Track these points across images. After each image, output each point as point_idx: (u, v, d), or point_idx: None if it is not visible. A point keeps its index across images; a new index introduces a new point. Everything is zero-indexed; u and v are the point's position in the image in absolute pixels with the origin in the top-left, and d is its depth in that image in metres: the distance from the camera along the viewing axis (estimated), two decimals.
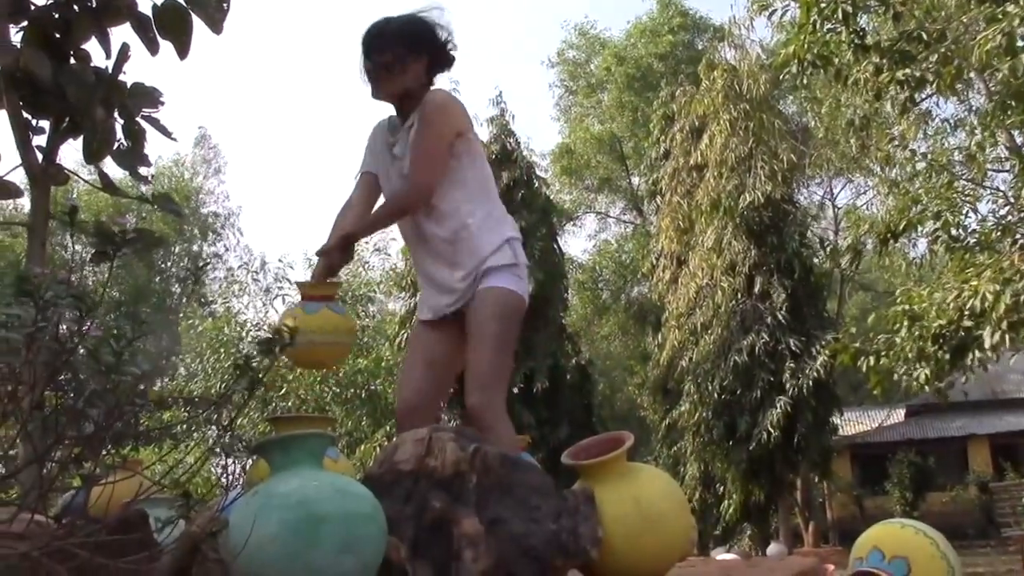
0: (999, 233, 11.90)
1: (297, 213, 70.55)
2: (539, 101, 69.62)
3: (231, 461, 2.59)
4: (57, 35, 4.52)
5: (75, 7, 4.53)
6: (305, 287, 3.60)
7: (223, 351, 21.87)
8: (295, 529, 2.01)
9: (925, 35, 11.40)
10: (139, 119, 4.73)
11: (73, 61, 4.57)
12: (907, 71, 11.17)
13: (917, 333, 11.09)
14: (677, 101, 24.88)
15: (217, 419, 2.28)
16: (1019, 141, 13.60)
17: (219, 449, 2.38)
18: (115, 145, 4.67)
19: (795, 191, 24.13)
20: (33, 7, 4.48)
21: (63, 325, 1.97)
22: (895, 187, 13.74)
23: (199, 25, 4.59)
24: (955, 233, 11.74)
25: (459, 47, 3.75)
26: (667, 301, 23.59)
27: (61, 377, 2.08)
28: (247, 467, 3.21)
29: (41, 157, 4.53)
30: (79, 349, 1.98)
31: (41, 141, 4.57)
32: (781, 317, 20.27)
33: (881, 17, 11.98)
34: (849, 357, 12.07)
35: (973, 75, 13.36)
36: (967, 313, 10.56)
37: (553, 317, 20.38)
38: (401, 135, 3.69)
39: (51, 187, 4.61)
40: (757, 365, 20.16)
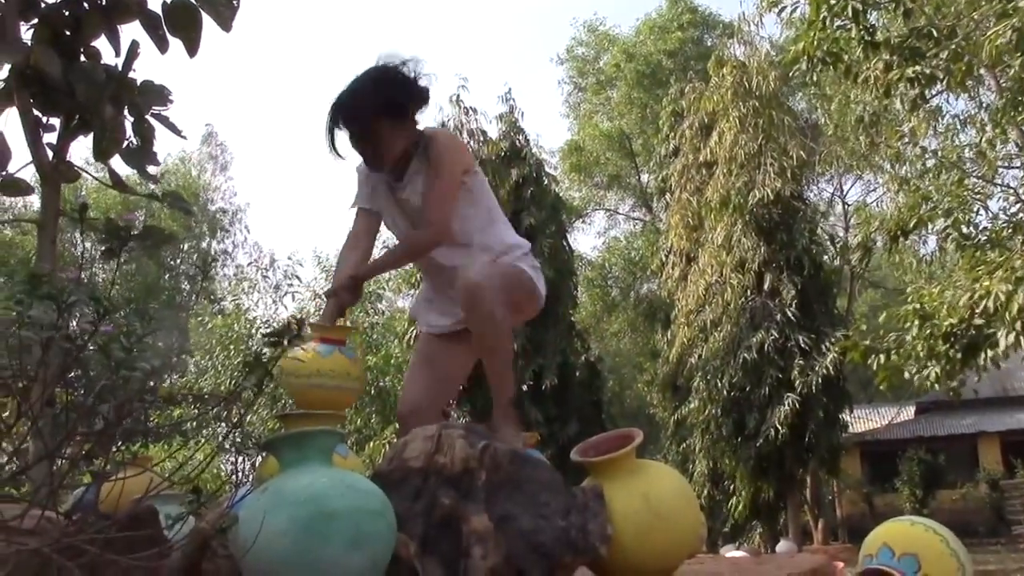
0: (1010, 231, 11.88)
1: (305, 209, 70.70)
2: (548, 98, 69.58)
3: (241, 458, 2.60)
4: (67, 33, 4.53)
5: (85, 5, 4.54)
6: (319, 330, 3.54)
7: (233, 348, 21.93)
8: (305, 525, 2.02)
9: (935, 31, 11.37)
10: (148, 117, 4.74)
11: (83, 59, 4.58)
12: (917, 68, 11.14)
13: (928, 331, 11.06)
14: (686, 98, 24.88)
15: (227, 416, 2.28)
16: None
17: (229, 446, 2.39)
18: (124, 143, 4.68)
19: (805, 188, 24.11)
20: (43, 5, 4.49)
21: (74, 323, 1.97)
22: (905, 184, 13.70)
23: (207, 22, 4.60)
24: (966, 231, 11.71)
25: (428, 76, 3.64)
26: (676, 298, 23.59)
27: (72, 374, 2.08)
28: (257, 464, 3.22)
29: (51, 154, 4.54)
30: (90, 347, 1.99)
31: (51, 139, 4.58)
32: (791, 314, 20.25)
33: (891, 14, 11.95)
34: (859, 355, 12.05)
35: (984, 71, 13.31)
36: (979, 312, 10.54)
37: (562, 314, 20.37)
38: (407, 183, 3.66)
39: (61, 184, 4.62)
40: (766, 362, 20.15)
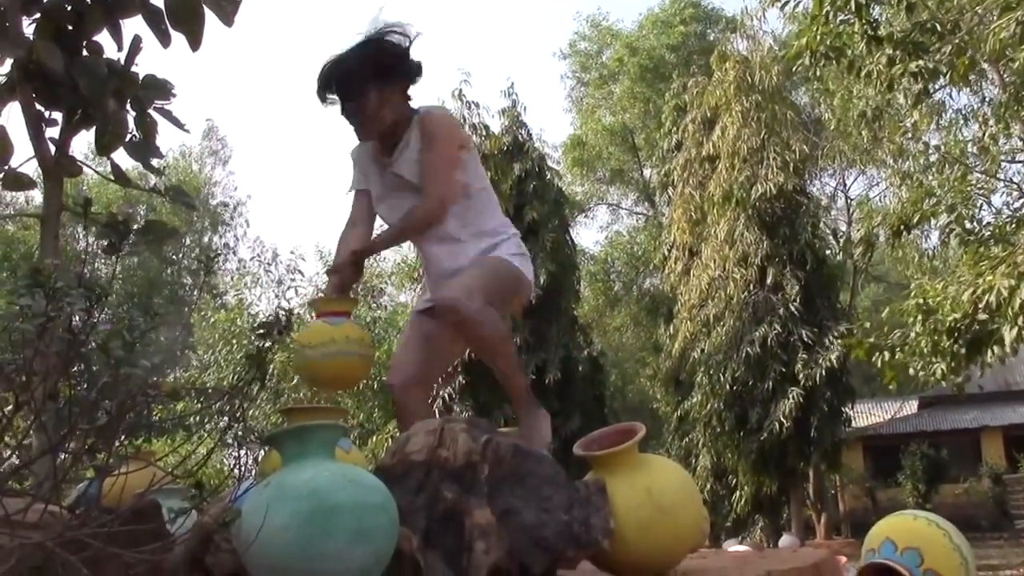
0: (1013, 226, 11.86)
1: (306, 203, 70.69)
2: (551, 93, 69.52)
3: (243, 452, 2.60)
4: (69, 27, 4.53)
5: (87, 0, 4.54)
6: (323, 304, 3.56)
7: (235, 343, 21.95)
8: (307, 519, 2.02)
9: (938, 26, 11.35)
10: (151, 111, 4.74)
11: (85, 53, 4.58)
12: (920, 63, 11.12)
13: (932, 327, 11.05)
14: (689, 92, 24.87)
15: (229, 410, 2.28)
16: None
17: (231, 440, 2.39)
18: (127, 137, 4.69)
19: (807, 183, 24.09)
20: (45, 0, 4.49)
21: (75, 316, 1.97)
22: (908, 179, 13.70)
23: (208, 16, 4.60)
24: (969, 226, 11.70)
25: (422, 45, 3.70)
26: (679, 292, 23.59)
27: (74, 368, 2.09)
28: (259, 458, 3.22)
29: (54, 149, 4.54)
30: (91, 340, 1.99)
31: (54, 133, 4.58)
32: (793, 308, 20.26)
33: (894, 8, 11.92)
34: (864, 352, 12.04)
35: (987, 66, 13.30)
36: (982, 307, 10.53)
37: (565, 309, 20.38)
38: (398, 157, 3.67)
39: (63, 179, 4.63)
40: (769, 356, 20.15)
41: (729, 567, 2.86)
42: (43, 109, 4.53)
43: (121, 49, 4.62)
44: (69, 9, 4.52)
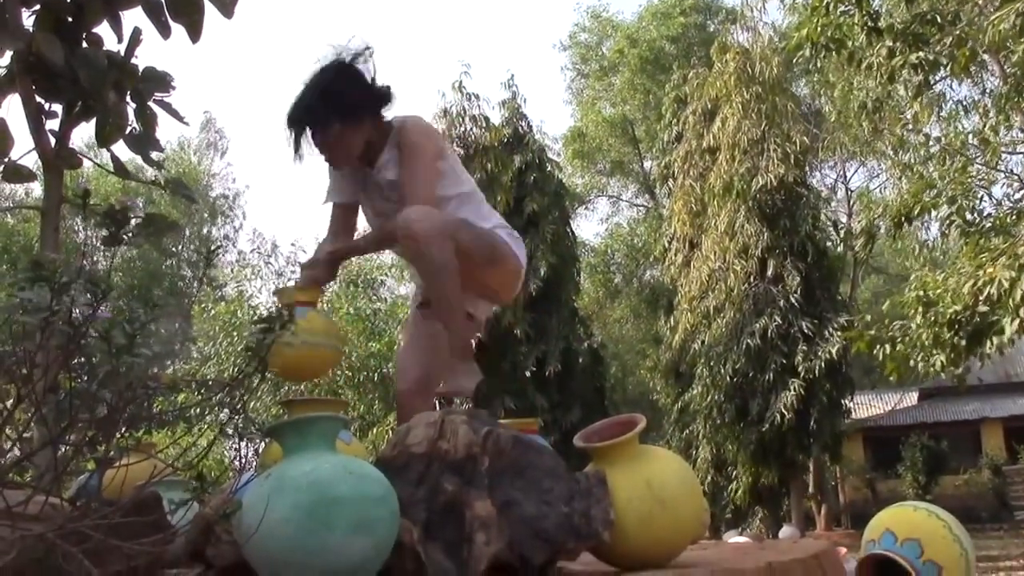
0: (1014, 217, 11.85)
1: (305, 194, 70.63)
2: (551, 84, 69.46)
3: (244, 444, 2.60)
4: (69, 19, 4.52)
5: None
6: (289, 293, 3.54)
7: (236, 334, 21.94)
8: (308, 511, 2.02)
9: (938, 17, 11.35)
10: (151, 103, 4.73)
11: (85, 45, 4.57)
12: (920, 54, 11.12)
13: (932, 319, 11.05)
14: (689, 84, 24.83)
15: (230, 402, 2.28)
16: None
17: (232, 432, 2.39)
18: (127, 129, 4.68)
19: (808, 174, 24.06)
20: None
21: (76, 309, 1.97)
22: (908, 170, 13.69)
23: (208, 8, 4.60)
24: (969, 217, 11.69)
25: (388, 73, 3.72)
26: (679, 284, 23.59)
27: (75, 361, 2.09)
28: (260, 450, 3.22)
29: (54, 141, 4.54)
30: (92, 332, 1.99)
31: (54, 125, 4.58)
32: (794, 300, 20.27)
33: (894, 0, 11.92)
34: (865, 345, 12.04)
35: (987, 57, 13.29)
36: (982, 299, 10.53)
37: (565, 300, 20.39)
38: (380, 168, 3.69)
39: (63, 171, 4.62)
40: (770, 348, 20.16)
41: (729, 558, 2.87)
42: (43, 101, 4.53)
43: (121, 41, 4.62)
44: (69, 1, 4.51)
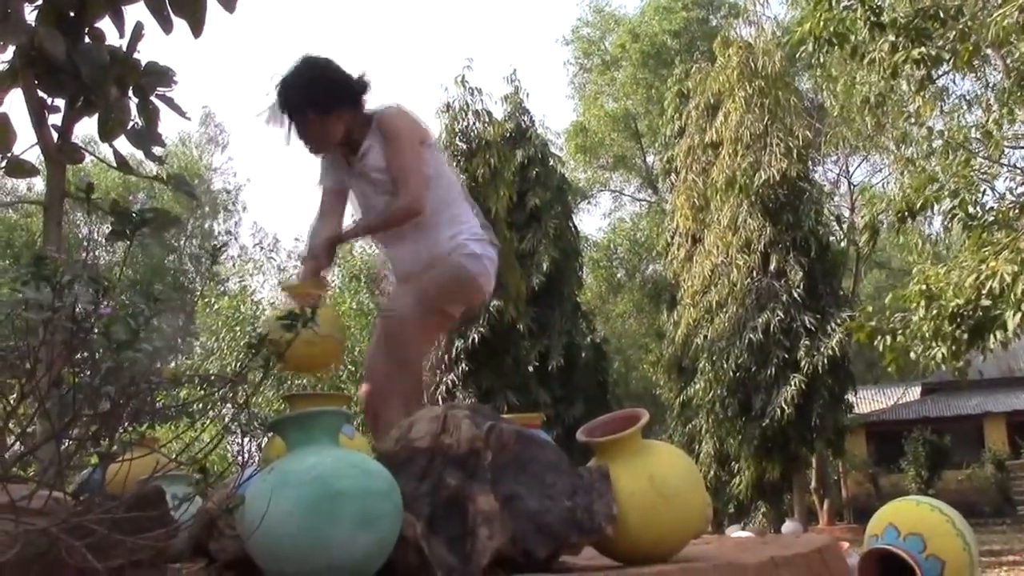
0: (1017, 211, 11.82)
1: (306, 190, 70.42)
2: (554, 79, 69.45)
3: (247, 438, 2.60)
4: (71, 14, 4.52)
5: None
6: (296, 287, 3.66)
7: (239, 329, 21.94)
8: (311, 505, 2.02)
9: (941, 12, 11.32)
10: (153, 98, 4.73)
11: (87, 40, 4.57)
12: (923, 49, 11.10)
13: (934, 312, 11.04)
14: (692, 78, 24.79)
15: (233, 397, 2.29)
16: None
17: (235, 427, 2.39)
18: (129, 124, 4.68)
19: (811, 169, 24.02)
20: None
21: (79, 305, 1.97)
22: (911, 165, 13.65)
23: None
24: (972, 211, 11.66)
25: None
26: (682, 279, 23.57)
27: (78, 355, 2.09)
28: (263, 445, 3.23)
29: (56, 136, 4.54)
30: (95, 329, 1.99)
31: (56, 120, 4.58)
32: (797, 295, 20.25)
33: None
34: (865, 335, 12.03)
35: (990, 51, 13.25)
36: (985, 293, 10.51)
37: (568, 295, 20.41)
38: (363, 157, 3.82)
39: (66, 166, 4.62)
40: (772, 343, 20.15)
41: (732, 553, 2.87)
42: (45, 96, 4.53)
43: (123, 36, 4.61)
44: None
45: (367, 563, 2.12)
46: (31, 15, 4.40)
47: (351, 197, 3.99)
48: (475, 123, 19.75)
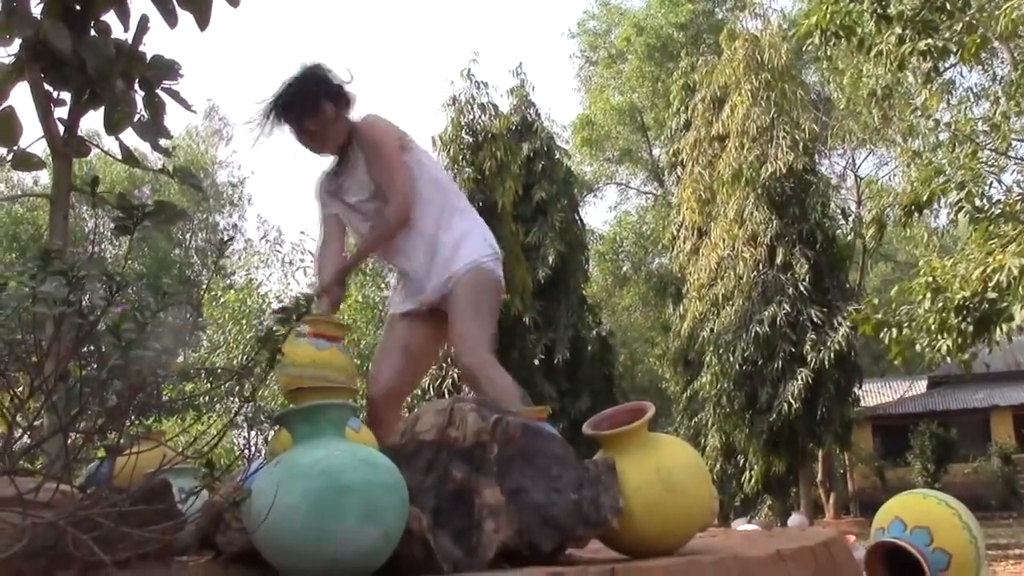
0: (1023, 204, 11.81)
1: (310, 182, 70.50)
2: (560, 72, 69.39)
3: (254, 431, 2.61)
4: (77, 7, 4.52)
5: None
6: (320, 325, 3.61)
7: (245, 322, 21.98)
8: (318, 499, 2.02)
9: (948, 4, 11.29)
10: (159, 91, 4.73)
11: (93, 33, 4.57)
12: (930, 41, 11.07)
13: (940, 305, 11.02)
14: (698, 71, 24.77)
15: (239, 390, 2.29)
16: None
17: (242, 420, 2.39)
18: (135, 117, 4.68)
19: (817, 162, 24.00)
20: None
21: (87, 299, 1.98)
22: (918, 157, 13.63)
23: None
24: (979, 204, 11.64)
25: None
26: (688, 272, 23.56)
27: (85, 349, 2.09)
28: (269, 438, 3.23)
29: (62, 129, 4.54)
30: (103, 324, 1.99)
31: (62, 113, 4.57)
32: (803, 288, 20.23)
33: None
34: (871, 328, 12.02)
35: (997, 44, 13.22)
36: (991, 285, 10.50)
37: (574, 288, 20.41)
38: (349, 174, 3.94)
39: (72, 159, 4.62)
40: (779, 336, 20.14)
41: (738, 546, 2.86)
42: (51, 89, 4.52)
43: (128, 29, 4.61)
44: None
45: (373, 556, 2.12)
46: (36, 8, 4.40)
47: (342, 216, 4.08)
48: (481, 116, 19.73)
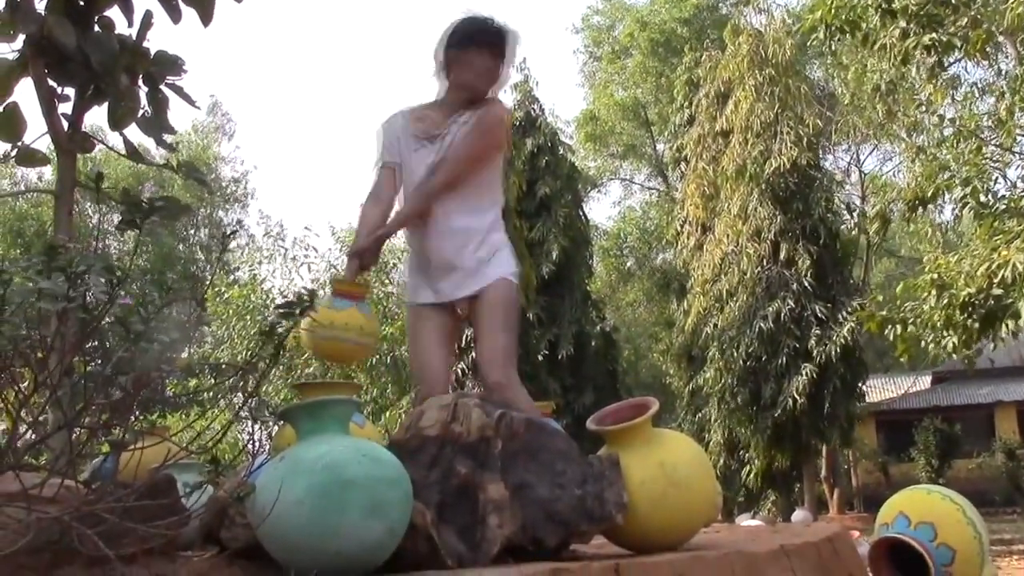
0: None
1: (312, 177, 70.66)
2: (564, 67, 69.32)
3: (258, 427, 2.61)
4: (81, 3, 4.52)
5: None
6: (337, 284, 3.72)
7: (249, 318, 21.98)
8: (322, 493, 2.02)
9: None
10: (163, 87, 4.73)
11: (97, 29, 4.57)
12: (934, 35, 11.06)
13: (945, 301, 11.01)
14: (702, 66, 24.72)
15: (243, 386, 2.29)
16: None
17: (245, 415, 2.39)
18: (139, 113, 4.68)
19: (821, 157, 23.94)
20: None
21: (90, 294, 1.98)
22: (922, 153, 13.61)
23: None
24: (984, 200, 11.62)
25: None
26: (692, 268, 23.53)
27: (90, 344, 2.09)
28: (273, 433, 3.24)
29: (66, 125, 4.54)
30: (108, 318, 1.99)
31: (66, 109, 4.58)
32: (807, 283, 20.19)
33: None
34: (876, 325, 12.00)
35: (1003, 38, 13.19)
36: (996, 282, 10.48)
37: (578, 284, 20.39)
38: (452, 124, 3.82)
39: (77, 155, 4.63)
40: (782, 332, 20.10)
41: (742, 541, 2.86)
42: (55, 85, 4.53)
43: (132, 25, 4.61)
44: None
45: (377, 551, 2.12)
46: (41, 4, 4.40)
47: (407, 167, 3.92)
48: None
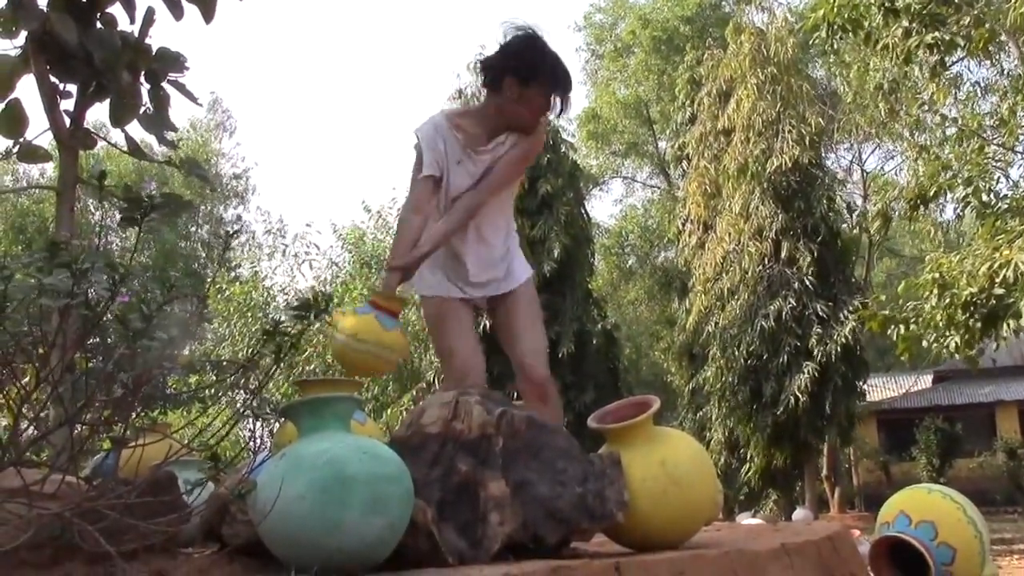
0: None
1: (312, 175, 70.67)
2: (566, 65, 69.10)
3: (259, 424, 2.61)
4: None
5: None
6: (384, 300, 3.67)
7: (251, 315, 21.99)
8: (323, 490, 2.02)
9: None
10: (164, 84, 4.73)
11: (99, 25, 4.57)
12: (937, 34, 11.05)
13: (947, 301, 11.00)
14: (704, 65, 24.70)
15: (245, 383, 2.29)
16: None
17: (247, 412, 2.39)
18: (141, 109, 4.68)
19: (823, 156, 23.92)
20: None
21: (92, 290, 1.98)
22: (924, 152, 13.61)
23: None
24: (986, 199, 11.62)
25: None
26: (693, 266, 23.52)
27: (91, 341, 2.09)
28: (275, 430, 3.24)
29: (68, 121, 4.54)
30: (109, 315, 1.99)
31: (68, 105, 4.58)
32: (808, 282, 20.19)
33: None
34: (878, 324, 12.00)
35: (1005, 37, 13.18)
36: (998, 281, 10.48)
37: (579, 282, 20.36)
38: (499, 146, 3.91)
39: (79, 151, 4.63)
40: (784, 330, 20.09)
41: (743, 540, 2.86)
42: (57, 81, 4.53)
43: (134, 21, 4.61)
44: None
45: (378, 548, 2.12)
46: (43, 1, 4.40)
47: (451, 180, 3.92)
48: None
